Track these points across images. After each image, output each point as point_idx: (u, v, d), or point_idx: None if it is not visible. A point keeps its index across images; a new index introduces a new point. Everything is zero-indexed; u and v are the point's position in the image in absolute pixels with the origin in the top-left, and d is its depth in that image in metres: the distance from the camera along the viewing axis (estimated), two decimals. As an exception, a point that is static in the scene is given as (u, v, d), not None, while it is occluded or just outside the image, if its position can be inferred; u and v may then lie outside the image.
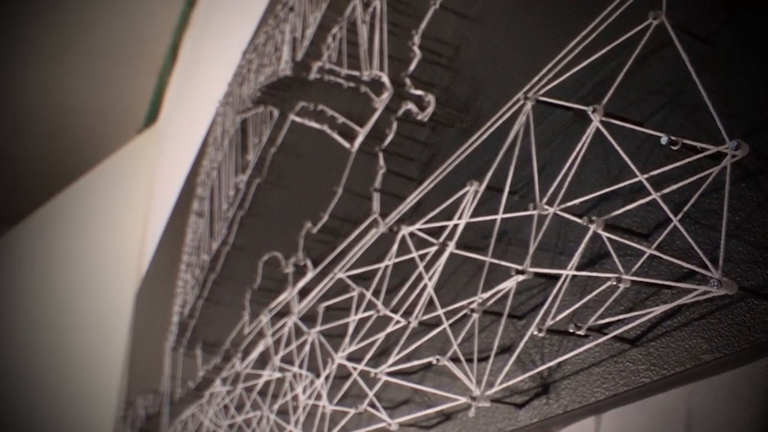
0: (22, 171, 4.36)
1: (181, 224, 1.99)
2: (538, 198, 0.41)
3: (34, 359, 2.67)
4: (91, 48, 3.85)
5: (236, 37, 1.96)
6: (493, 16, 0.56)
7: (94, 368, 2.58)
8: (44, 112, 4.11)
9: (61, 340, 2.71)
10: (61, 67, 3.89)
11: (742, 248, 0.32)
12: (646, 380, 0.35)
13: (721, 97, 0.34)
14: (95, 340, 2.67)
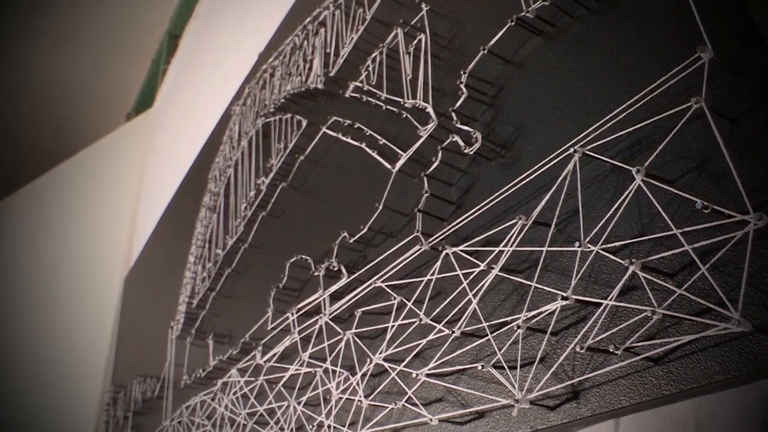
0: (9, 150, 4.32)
1: (180, 216, 2.04)
2: (582, 237, 0.49)
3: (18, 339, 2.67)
4: (84, 30, 3.84)
5: (242, 34, 2.01)
6: (535, 65, 0.64)
7: (80, 351, 2.59)
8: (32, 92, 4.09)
9: (45, 320, 2.70)
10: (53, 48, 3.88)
11: (753, 294, 0.40)
12: (666, 393, 0.44)
13: (744, 170, 0.42)
14: (81, 322, 2.67)
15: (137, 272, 2.53)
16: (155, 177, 2.90)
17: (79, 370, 2.53)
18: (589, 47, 0.58)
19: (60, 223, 3.10)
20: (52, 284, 2.84)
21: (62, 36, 3.85)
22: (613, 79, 0.54)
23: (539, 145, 0.59)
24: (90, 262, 2.90)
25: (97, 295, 2.74)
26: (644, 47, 0.52)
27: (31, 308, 2.77)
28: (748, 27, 0.45)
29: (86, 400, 2.43)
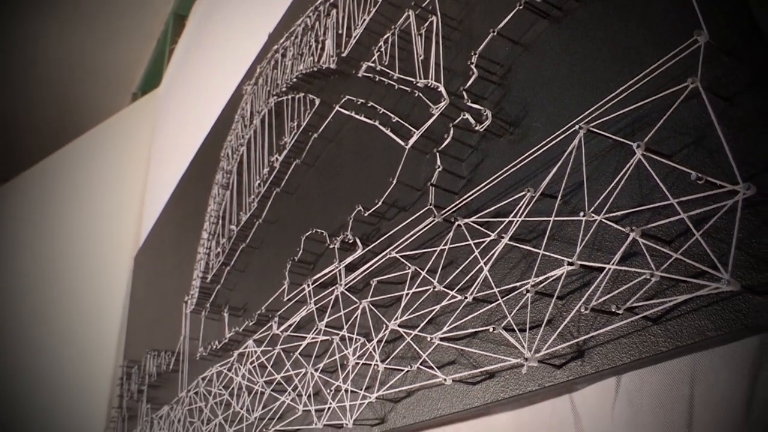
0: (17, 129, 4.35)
1: (190, 193, 2.08)
2: (587, 207, 0.52)
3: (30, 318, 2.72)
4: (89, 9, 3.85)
5: (250, 13, 2.03)
6: (542, 47, 0.67)
7: (92, 328, 2.64)
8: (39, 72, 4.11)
9: (57, 299, 2.75)
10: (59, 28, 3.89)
11: (743, 257, 0.44)
12: (663, 349, 0.48)
13: (736, 145, 0.46)
14: (92, 300, 2.72)
15: (147, 250, 2.57)
16: (163, 156, 2.93)
17: (92, 347, 2.59)
18: (592, 30, 0.61)
19: (70, 203, 3.13)
20: (63, 263, 2.88)
21: (67, 15, 3.86)
22: (616, 61, 0.57)
23: (545, 123, 0.63)
24: (100, 240, 2.94)
25: (107, 274, 2.79)
26: (645, 30, 0.56)
27: (43, 287, 2.82)
28: (744, 11, 0.49)
29: (99, 376, 2.49)
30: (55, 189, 3.23)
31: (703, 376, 0.48)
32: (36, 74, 4.20)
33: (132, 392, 1.97)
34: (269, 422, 0.99)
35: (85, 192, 3.15)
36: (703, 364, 0.49)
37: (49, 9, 3.82)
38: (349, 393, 0.79)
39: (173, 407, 1.47)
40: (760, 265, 0.43)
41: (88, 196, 3.13)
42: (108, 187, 3.14)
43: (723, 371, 0.47)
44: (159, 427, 1.53)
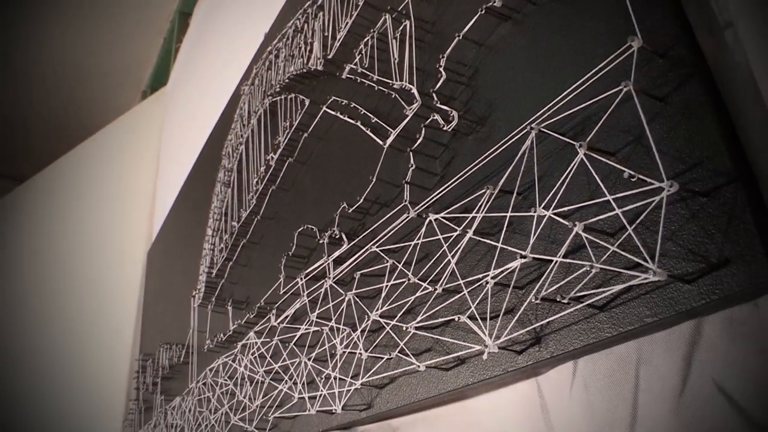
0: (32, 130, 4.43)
1: (197, 190, 2.13)
2: (537, 203, 0.56)
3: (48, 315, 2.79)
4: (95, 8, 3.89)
5: (249, 13, 2.07)
6: (505, 48, 0.70)
7: (108, 323, 2.71)
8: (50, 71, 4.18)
9: (74, 296, 2.83)
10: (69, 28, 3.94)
11: (674, 249, 0.47)
12: (608, 335, 0.51)
13: (669, 143, 0.49)
14: (108, 296, 2.79)
15: (159, 246, 2.64)
16: (172, 153, 2.99)
17: (109, 341, 2.66)
18: (548, 32, 0.64)
19: (85, 200, 3.21)
20: (80, 260, 2.96)
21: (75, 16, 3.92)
22: (568, 61, 0.61)
23: (508, 121, 0.66)
24: (114, 237, 3.00)
25: (122, 270, 2.85)
26: (594, 32, 0.59)
27: (61, 284, 2.90)
28: (677, 16, 0.52)
29: (117, 369, 2.56)
30: (70, 187, 3.30)
31: (647, 359, 0.52)
32: (48, 75, 4.27)
33: (147, 384, 2.04)
34: (269, 410, 1.04)
35: (99, 189, 3.22)
36: (647, 348, 0.52)
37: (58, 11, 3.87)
38: (338, 380, 0.83)
39: (184, 398, 1.53)
40: (688, 256, 0.46)
41: (102, 193, 3.19)
42: (121, 184, 3.21)
43: (663, 354, 0.51)
44: (172, 417, 1.59)
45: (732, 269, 0.44)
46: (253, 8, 2.00)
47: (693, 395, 0.48)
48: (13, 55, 3.99)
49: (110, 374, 2.56)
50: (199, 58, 2.79)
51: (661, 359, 0.51)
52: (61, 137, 4.40)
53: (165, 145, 3.15)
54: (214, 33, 2.55)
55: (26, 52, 4.09)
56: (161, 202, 2.87)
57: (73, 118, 4.45)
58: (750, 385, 0.44)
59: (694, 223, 0.47)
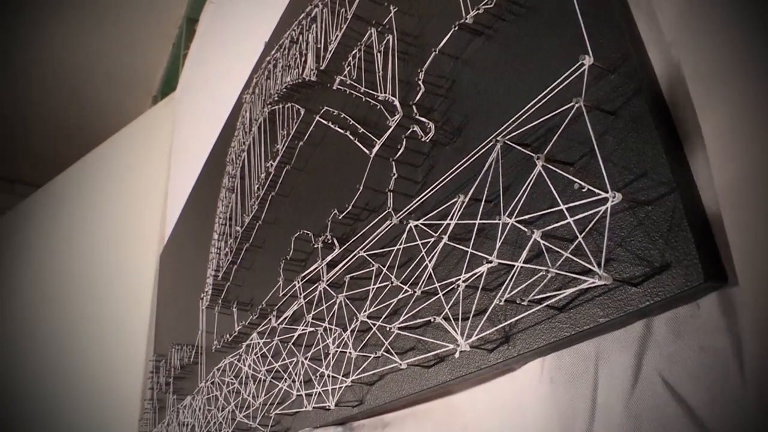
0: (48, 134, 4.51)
1: (205, 195, 2.18)
2: (502, 211, 0.60)
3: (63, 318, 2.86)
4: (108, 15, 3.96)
5: (251, 21, 2.12)
6: (479, 62, 0.74)
7: (123, 325, 2.78)
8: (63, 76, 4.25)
9: (89, 300, 2.89)
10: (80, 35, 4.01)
11: (623, 254, 0.51)
12: (567, 334, 0.55)
13: (620, 154, 0.53)
14: (122, 297, 2.86)
15: (170, 249, 2.70)
16: (182, 157, 3.05)
17: (124, 342, 2.72)
18: (516, 47, 0.68)
19: (99, 205, 3.27)
20: (94, 264, 3.02)
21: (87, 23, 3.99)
22: (533, 75, 0.64)
23: (481, 132, 0.70)
24: (127, 241, 3.07)
25: (135, 273, 2.92)
26: (556, 47, 0.62)
27: (77, 287, 2.97)
28: (628, 34, 0.55)
29: (132, 370, 2.62)
30: (86, 192, 3.38)
31: (605, 356, 0.56)
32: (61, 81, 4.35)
33: (161, 384, 2.10)
34: (271, 407, 1.08)
35: (113, 193, 3.28)
36: (605, 345, 0.56)
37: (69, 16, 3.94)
38: (331, 378, 0.88)
39: (195, 397, 1.58)
40: (635, 260, 0.50)
41: (116, 197, 3.26)
42: (134, 188, 3.27)
43: (619, 351, 0.55)
44: (183, 415, 1.65)
45: (672, 273, 0.47)
46: (254, 16, 2.04)
47: (643, 389, 0.52)
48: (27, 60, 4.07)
49: (126, 375, 2.62)
50: (205, 64, 2.84)
51: (616, 356, 0.55)
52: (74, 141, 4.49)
53: (175, 149, 3.21)
54: (219, 40, 2.60)
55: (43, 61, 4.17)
56: (172, 206, 2.93)
57: (86, 121, 4.54)
58: (689, 378, 0.48)
59: (641, 229, 0.50)
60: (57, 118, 4.52)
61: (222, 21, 2.61)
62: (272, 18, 1.69)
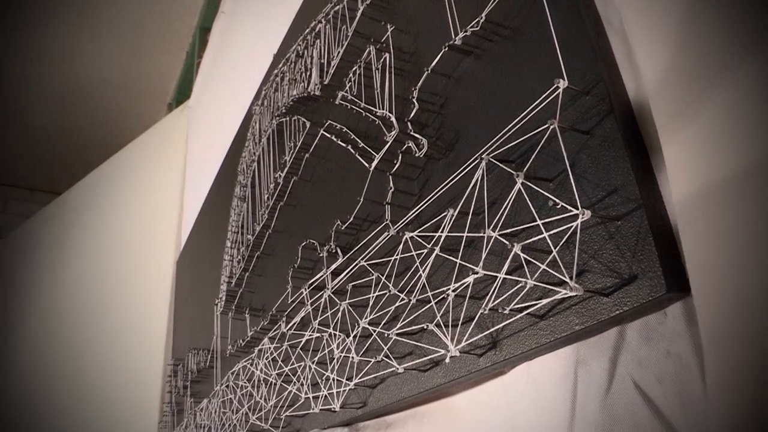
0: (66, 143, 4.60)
1: (219, 203, 2.24)
2: (487, 225, 0.64)
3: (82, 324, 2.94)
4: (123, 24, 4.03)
5: (261, 32, 2.17)
6: (470, 80, 0.78)
7: (141, 329, 2.84)
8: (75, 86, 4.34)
9: (107, 305, 2.96)
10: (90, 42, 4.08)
11: (596, 266, 0.55)
12: (547, 341, 0.59)
13: (593, 171, 0.56)
14: (140, 304, 2.93)
15: (186, 255, 2.76)
16: (197, 165, 3.12)
17: (143, 346, 2.79)
18: (501, 67, 0.72)
19: (116, 212, 3.34)
20: (112, 271, 3.09)
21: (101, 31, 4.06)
22: (516, 94, 0.68)
23: (470, 148, 0.74)
24: (145, 247, 3.13)
25: (153, 278, 2.98)
26: (536, 69, 0.66)
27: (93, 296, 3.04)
28: (602, 56, 0.59)
29: (151, 374, 2.69)
30: (103, 199, 3.45)
31: (584, 361, 0.60)
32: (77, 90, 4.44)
33: (178, 388, 2.16)
34: (281, 409, 1.13)
35: (130, 200, 3.35)
36: (584, 351, 0.60)
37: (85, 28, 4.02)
38: (335, 381, 0.92)
39: (210, 400, 1.64)
40: (607, 272, 0.54)
41: (133, 204, 3.33)
42: (150, 195, 3.34)
43: (595, 356, 0.59)
44: (200, 418, 1.70)
45: (638, 284, 0.51)
46: (264, 27, 2.10)
47: (616, 392, 0.55)
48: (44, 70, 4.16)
49: (145, 379, 2.68)
50: (217, 74, 2.90)
51: (593, 360, 0.59)
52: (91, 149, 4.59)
53: (190, 157, 3.28)
54: (231, 50, 2.66)
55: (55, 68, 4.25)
56: (188, 213, 2.99)
57: (103, 130, 4.63)
58: (657, 381, 0.52)
59: (611, 243, 0.54)
60: (74, 127, 4.61)
61: (233, 31, 2.67)
62: (280, 29, 1.73)
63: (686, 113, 0.51)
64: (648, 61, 0.56)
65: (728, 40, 0.48)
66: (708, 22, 0.50)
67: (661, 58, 0.56)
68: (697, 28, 0.52)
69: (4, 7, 3.73)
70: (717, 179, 0.47)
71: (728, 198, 0.46)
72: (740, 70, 0.46)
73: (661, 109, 0.54)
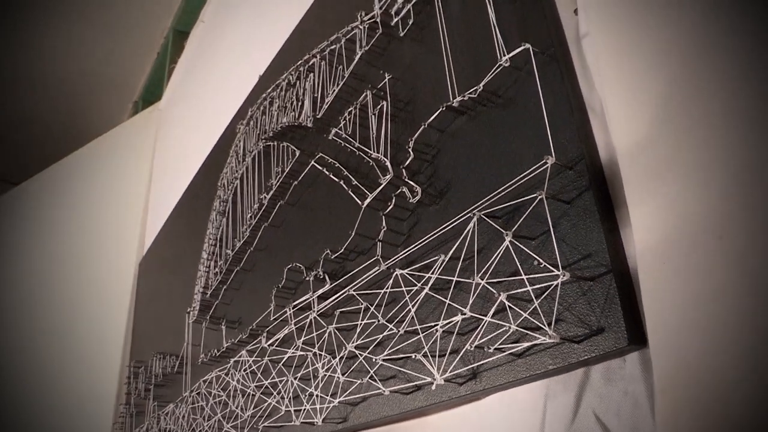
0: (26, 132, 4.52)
1: (191, 211, 2.29)
2: (476, 272, 0.74)
3: (36, 319, 2.92)
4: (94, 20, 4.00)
5: (245, 48, 2.23)
6: (462, 137, 0.88)
7: (99, 327, 2.84)
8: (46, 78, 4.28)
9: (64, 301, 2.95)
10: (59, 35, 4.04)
11: (570, 317, 0.65)
12: (524, 376, 0.69)
13: (572, 236, 0.67)
14: (97, 302, 2.92)
15: (151, 257, 2.78)
16: (165, 168, 3.14)
17: (99, 347, 2.77)
18: (493, 131, 0.82)
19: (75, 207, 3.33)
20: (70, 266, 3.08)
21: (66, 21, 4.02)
22: (506, 158, 0.78)
23: (460, 199, 0.84)
24: (104, 245, 3.13)
25: (112, 278, 2.97)
26: (526, 137, 0.76)
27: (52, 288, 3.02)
28: (584, 137, 0.70)
29: (107, 374, 2.68)
30: (62, 193, 3.43)
31: (552, 395, 0.70)
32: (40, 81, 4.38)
33: (139, 390, 2.19)
34: (259, 420, 1.20)
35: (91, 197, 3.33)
36: (553, 386, 0.70)
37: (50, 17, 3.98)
38: (319, 398, 1.00)
39: (178, 405, 1.69)
40: (579, 323, 0.64)
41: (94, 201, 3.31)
42: (114, 193, 3.32)
43: (563, 391, 0.69)
44: (165, 422, 1.75)
45: (605, 335, 0.61)
46: (248, 45, 2.16)
47: (580, 422, 0.66)
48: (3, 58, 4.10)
49: (100, 379, 2.68)
50: (193, 81, 2.94)
51: (561, 395, 0.69)
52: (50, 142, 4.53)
53: (158, 159, 3.29)
54: (209, 60, 2.71)
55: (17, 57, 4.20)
56: (154, 215, 3.01)
57: (65, 122, 4.58)
58: (615, 416, 0.62)
59: (584, 299, 0.64)
60: (34, 117, 4.55)
61: (212, 41, 2.71)
62: (266, 51, 1.81)
63: (652, 192, 0.61)
64: (622, 143, 0.67)
65: (688, 129, 0.59)
66: (675, 116, 0.61)
67: (633, 141, 0.67)
68: (665, 122, 0.63)
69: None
70: (671, 250, 0.58)
71: (681, 266, 0.57)
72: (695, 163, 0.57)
73: (631, 186, 0.64)
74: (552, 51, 0.75)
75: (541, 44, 0.77)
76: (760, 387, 0.47)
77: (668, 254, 0.58)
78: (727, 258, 0.52)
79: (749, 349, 0.49)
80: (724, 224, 0.54)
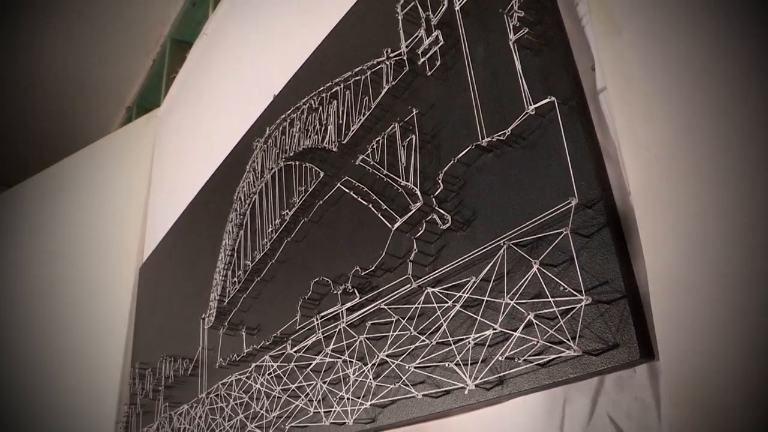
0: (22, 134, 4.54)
1: (198, 221, 2.38)
2: (506, 293, 0.86)
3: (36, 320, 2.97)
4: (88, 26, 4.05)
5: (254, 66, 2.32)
6: (488, 172, 1.00)
7: (100, 330, 2.90)
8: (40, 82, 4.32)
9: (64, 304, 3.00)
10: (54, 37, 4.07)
11: (589, 334, 0.77)
12: (547, 383, 0.81)
13: (592, 266, 0.79)
14: (98, 306, 2.97)
15: (152, 263, 2.86)
16: (165, 176, 3.21)
17: (101, 349, 2.83)
18: (519, 169, 0.94)
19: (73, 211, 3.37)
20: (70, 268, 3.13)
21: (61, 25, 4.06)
22: (529, 194, 0.91)
23: (486, 228, 0.96)
24: (103, 251, 3.18)
25: (113, 282, 3.03)
26: (549, 178, 0.89)
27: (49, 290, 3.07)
28: (601, 183, 0.82)
29: (109, 376, 2.75)
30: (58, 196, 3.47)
31: (571, 399, 0.82)
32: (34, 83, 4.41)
33: (147, 391, 2.28)
34: (285, 420, 1.31)
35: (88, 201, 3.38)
36: (571, 392, 0.82)
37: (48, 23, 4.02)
38: (350, 400, 1.12)
39: (193, 406, 1.78)
40: (597, 339, 0.77)
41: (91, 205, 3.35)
42: (112, 197, 3.37)
43: (580, 396, 0.81)
44: (179, 421, 1.84)
45: (620, 350, 0.74)
46: (257, 64, 2.26)
47: (595, 423, 0.78)
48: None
49: (102, 380, 2.75)
50: (195, 92, 3.02)
51: (578, 399, 0.81)
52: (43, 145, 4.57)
53: (158, 166, 3.36)
54: (213, 73, 2.79)
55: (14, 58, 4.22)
56: (155, 221, 3.08)
57: (58, 126, 4.62)
58: (626, 418, 0.74)
59: (602, 319, 0.77)
60: (28, 121, 4.58)
61: (215, 54, 2.80)
62: (279, 71, 1.91)
63: (660, 229, 0.74)
64: (635, 185, 0.80)
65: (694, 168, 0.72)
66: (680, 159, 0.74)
67: (644, 184, 0.79)
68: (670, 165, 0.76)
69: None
70: (678, 276, 0.71)
71: (688, 291, 0.69)
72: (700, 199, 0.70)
73: (643, 222, 0.77)
74: (573, 103, 0.88)
75: (563, 95, 0.89)
76: (755, 389, 0.59)
77: (675, 279, 0.71)
78: (726, 280, 0.65)
79: (744, 358, 0.62)
80: (723, 253, 0.66)
